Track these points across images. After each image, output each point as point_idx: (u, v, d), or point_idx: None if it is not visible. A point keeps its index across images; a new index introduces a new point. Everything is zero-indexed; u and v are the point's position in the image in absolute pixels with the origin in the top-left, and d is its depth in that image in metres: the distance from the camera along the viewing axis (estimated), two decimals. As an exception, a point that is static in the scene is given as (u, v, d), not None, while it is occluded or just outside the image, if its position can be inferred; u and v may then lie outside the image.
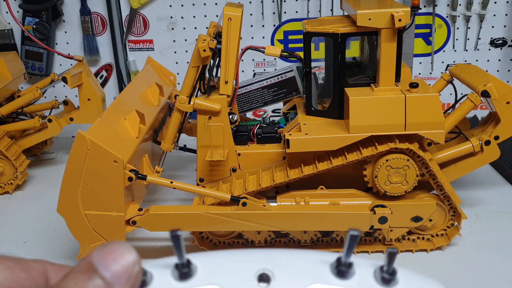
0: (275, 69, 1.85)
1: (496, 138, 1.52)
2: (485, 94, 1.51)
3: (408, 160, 1.38)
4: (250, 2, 2.28)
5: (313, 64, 1.48)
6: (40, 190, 2.02)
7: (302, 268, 0.43)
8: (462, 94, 1.61)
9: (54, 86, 2.13)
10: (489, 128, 1.57)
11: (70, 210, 1.35)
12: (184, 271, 0.43)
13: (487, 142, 1.52)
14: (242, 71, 2.38)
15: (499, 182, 1.90)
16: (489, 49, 2.30)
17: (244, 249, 0.46)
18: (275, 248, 0.42)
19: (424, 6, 2.24)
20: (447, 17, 2.26)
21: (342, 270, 0.43)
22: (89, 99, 2.04)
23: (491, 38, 2.28)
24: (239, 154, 1.51)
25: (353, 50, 1.61)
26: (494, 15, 2.24)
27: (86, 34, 2.34)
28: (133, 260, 0.42)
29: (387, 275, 0.42)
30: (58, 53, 2.12)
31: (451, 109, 1.66)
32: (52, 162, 2.26)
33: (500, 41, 2.29)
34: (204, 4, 2.29)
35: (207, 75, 1.53)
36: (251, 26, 2.32)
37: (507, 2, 2.22)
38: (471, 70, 1.65)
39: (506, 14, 2.24)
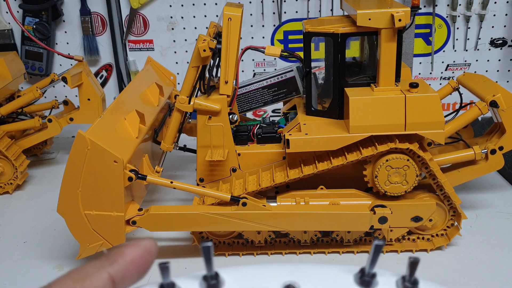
0: (275, 69, 1.85)
1: (501, 148, 1.54)
2: (493, 104, 1.52)
3: (408, 160, 1.38)
4: (250, 2, 2.28)
5: (313, 64, 1.48)
6: (40, 190, 2.02)
7: (327, 279, 0.45)
8: (469, 101, 1.62)
9: (54, 86, 2.13)
10: (494, 138, 1.59)
11: (70, 210, 1.35)
12: (212, 283, 0.43)
13: (493, 151, 1.53)
14: (242, 71, 2.38)
15: (499, 182, 1.90)
16: (489, 49, 2.30)
17: (270, 263, 0.47)
18: (301, 262, 0.46)
19: (424, 6, 2.24)
20: (447, 17, 2.26)
21: (366, 280, 0.44)
22: (89, 99, 2.04)
23: (491, 38, 2.28)
24: (239, 154, 1.51)
25: (353, 50, 1.61)
26: (494, 15, 2.24)
27: (86, 34, 2.34)
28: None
29: (409, 284, 0.43)
30: (58, 53, 2.12)
31: (454, 114, 1.65)
32: (52, 162, 2.26)
33: (500, 41, 2.29)
34: (204, 4, 2.29)
35: (207, 75, 1.53)
36: (251, 26, 2.32)
37: (507, 2, 2.22)
38: (479, 80, 1.66)
39: (506, 14, 2.24)
